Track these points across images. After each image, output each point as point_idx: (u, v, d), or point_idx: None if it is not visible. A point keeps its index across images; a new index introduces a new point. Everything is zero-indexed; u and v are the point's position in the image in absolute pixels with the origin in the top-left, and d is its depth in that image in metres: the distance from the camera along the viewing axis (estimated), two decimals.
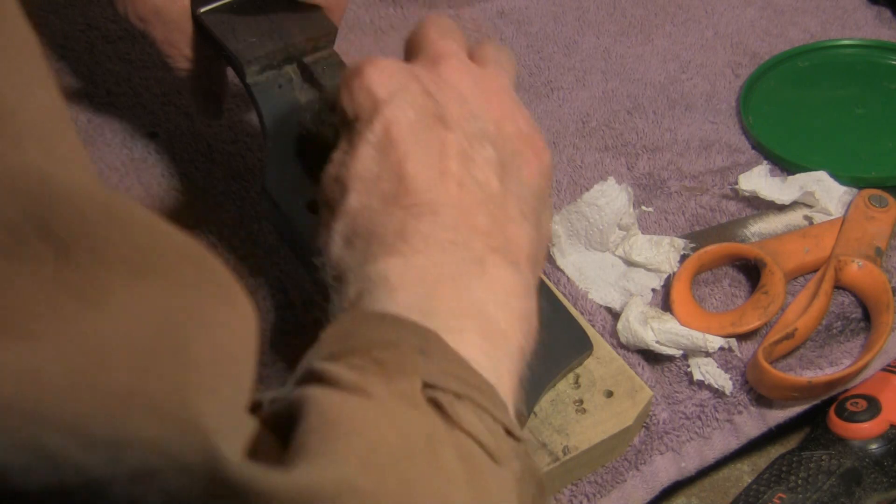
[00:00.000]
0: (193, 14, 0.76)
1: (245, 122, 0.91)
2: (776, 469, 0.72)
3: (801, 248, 0.80)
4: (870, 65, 0.94)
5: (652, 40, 0.98)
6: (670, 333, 0.74)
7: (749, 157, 0.88)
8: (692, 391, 0.74)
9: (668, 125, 0.91)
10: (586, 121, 0.91)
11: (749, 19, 0.99)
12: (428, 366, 0.48)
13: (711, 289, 0.79)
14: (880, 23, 0.99)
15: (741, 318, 0.76)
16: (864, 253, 0.79)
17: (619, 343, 0.75)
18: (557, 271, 0.79)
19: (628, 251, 0.79)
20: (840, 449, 0.73)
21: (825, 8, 1.00)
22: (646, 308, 0.76)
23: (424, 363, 0.48)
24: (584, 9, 1.01)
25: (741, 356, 0.75)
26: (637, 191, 0.84)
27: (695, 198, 0.85)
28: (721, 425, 0.73)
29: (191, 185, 0.87)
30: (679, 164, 0.87)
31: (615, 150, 0.89)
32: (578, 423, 0.69)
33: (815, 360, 0.75)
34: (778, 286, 0.77)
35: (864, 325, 0.77)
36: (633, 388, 0.71)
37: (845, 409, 0.74)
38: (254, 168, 0.87)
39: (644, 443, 0.72)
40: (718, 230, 0.82)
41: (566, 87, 0.94)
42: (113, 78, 0.95)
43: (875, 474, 0.72)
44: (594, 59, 0.96)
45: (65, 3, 1.00)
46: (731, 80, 0.94)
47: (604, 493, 0.70)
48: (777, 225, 0.83)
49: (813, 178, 0.84)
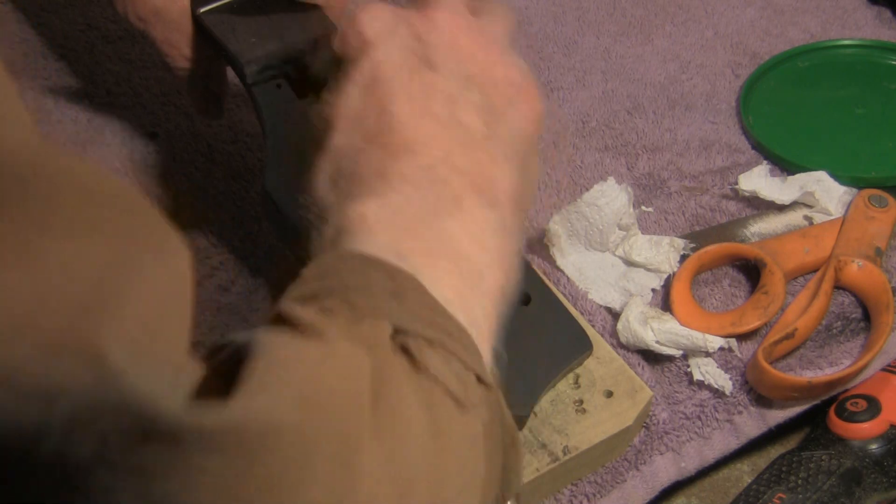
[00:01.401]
0: (193, 14, 0.76)
1: (245, 122, 0.91)
2: (776, 469, 0.72)
3: (801, 248, 0.80)
4: (870, 65, 0.95)
5: (652, 40, 0.98)
6: (670, 333, 0.74)
7: (749, 157, 0.88)
8: (692, 391, 0.74)
9: (668, 125, 0.91)
10: (586, 121, 0.91)
11: (749, 19, 0.99)
12: (400, 310, 0.48)
13: (711, 289, 0.79)
14: (880, 23, 0.99)
15: (741, 318, 0.76)
16: (864, 253, 0.79)
17: (619, 343, 0.75)
18: (557, 271, 0.79)
19: (628, 251, 0.79)
20: (840, 449, 0.73)
21: (825, 8, 1.00)
22: (646, 308, 0.76)
23: (397, 307, 0.48)
24: (584, 9, 1.01)
25: (741, 356, 0.75)
26: (637, 191, 0.84)
27: (695, 198, 0.85)
28: (721, 425, 0.73)
29: (191, 185, 0.87)
30: (679, 164, 0.87)
31: (615, 150, 0.89)
32: (578, 423, 0.69)
33: (815, 360, 0.75)
34: (778, 286, 0.77)
35: (864, 325, 0.77)
36: (633, 388, 0.71)
37: (845, 409, 0.74)
38: (254, 168, 0.87)
39: (644, 443, 0.72)
40: (718, 230, 0.82)
41: (566, 87, 0.94)
42: (113, 78, 0.95)
43: (875, 474, 0.72)
44: (594, 59, 0.96)
45: (65, 3, 1.00)
46: (731, 80, 0.94)
47: (604, 493, 0.70)
48: (777, 225, 0.83)
49: (813, 178, 0.84)
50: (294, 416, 0.41)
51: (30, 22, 1.00)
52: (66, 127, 0.91)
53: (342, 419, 0.43)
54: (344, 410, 0.43)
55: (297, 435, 0.41)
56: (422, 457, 0.46)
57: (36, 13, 1.01)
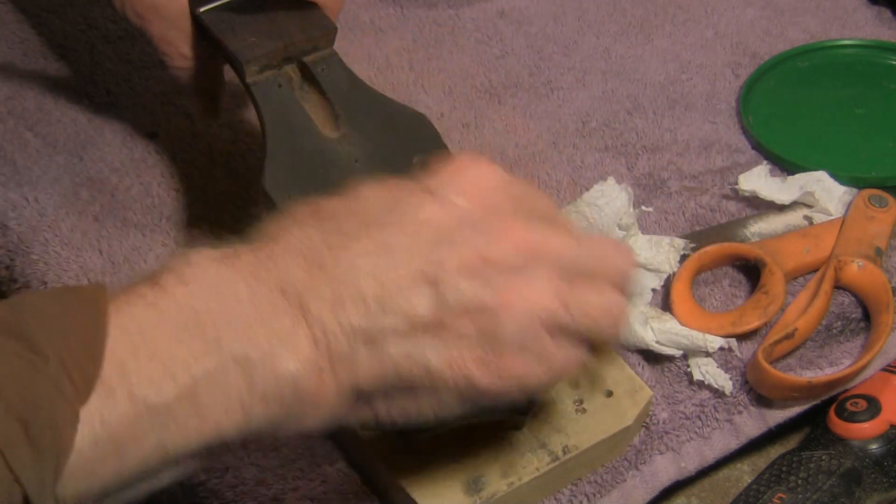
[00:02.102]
0: (192, 13, 0.76)
1: (245, 122, 0.91)
2: (776, 469, 0.72)
3: (801, 248, 0.80)
4: (870, 65, 0.94)
5: (652, 40, 0.98)
6: (670, 333, 0.74)
7: (749, 157, 0.88)
8: (692, 391, 0.74)
9: (668, 125, 0.91)
10: (586, 121, 0.91)
11: (749, 19, 0.99)
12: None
13: (711, 289, 0.79)
14: (880, 23, 0.99)
15: (741, 318, 0.76)
16: (864, 253, 0.79)
17: (619, 343, 0.75)
18: None
19: None
20: (840, 449, 0.73)
21: (825, 8, 1.00)
22: (646, 308, 0.76)
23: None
24: (584, 9, 1.01)
25: (741, 356, 0.75)
26: (637, 191, 0.84)
27: (695, 198, 0.85)
28: (721, 425, 0.73)
29: (191, 185, 0.87)
30: (679, 164, 0.87)
31: (615, 150, 0.89)
32: (578, 423, 0.69)
33: (815, 360, 0.75)
34: (778, 286, 0.77)
35: (864, 325, 0.77)
36: (633, 388, 0.71)
37: (845, 409, 0.74)
38: (254, 168, 0.87)
39: (644, 443, 0.72)
40: (718, 230, 0.82)
41: (566, 87, 0.94)
42: (113, 78, 0.95)
43: (875, 474, 0.72)
44: (594, 59, 0.96)
45: (65, 2, 1.00)
46: (731, 80, 0.94)
47: (604, 493, 0.70)
48: (777, 225, 0.83)
49: (813, 178, 0.84)
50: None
51: (30, 22, 1.00)
52: (66, 127, 0.91)
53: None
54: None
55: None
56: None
57: (36, 13, 1.01)
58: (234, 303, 0.52)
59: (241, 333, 0.52)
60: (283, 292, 0.53)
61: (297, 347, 0.52)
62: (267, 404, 0.52)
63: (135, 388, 0.50)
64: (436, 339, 0.54)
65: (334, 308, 0.53)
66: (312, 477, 0.69)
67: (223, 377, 0.51)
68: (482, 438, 0.68)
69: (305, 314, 0.53)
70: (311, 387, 0.53)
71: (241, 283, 0.53)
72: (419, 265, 0.54)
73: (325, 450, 0.70)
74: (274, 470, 0.69)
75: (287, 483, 0.69)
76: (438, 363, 0.54)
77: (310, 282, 0.53)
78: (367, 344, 0.53)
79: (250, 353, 0.52)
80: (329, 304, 0.53)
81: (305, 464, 0.70)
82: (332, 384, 0.54)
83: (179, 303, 0.52)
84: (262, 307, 0.53)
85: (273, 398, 0.52)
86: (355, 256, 0.54)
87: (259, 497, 0.68)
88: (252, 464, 0.69)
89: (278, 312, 0.53)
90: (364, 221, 0.55)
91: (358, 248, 0.54)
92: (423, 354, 0.54)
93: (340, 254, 0.54)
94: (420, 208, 0.55)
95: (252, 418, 0.52)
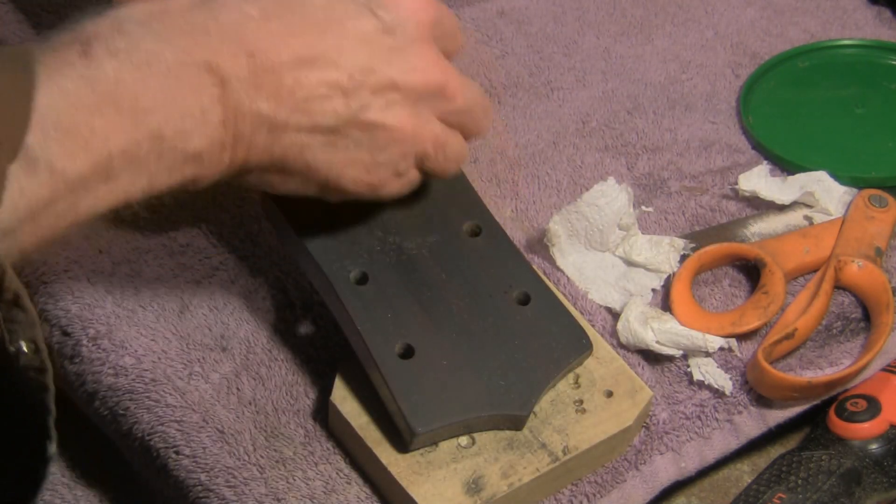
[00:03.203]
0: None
1: None
2: (776, 469, 0.72)
3: (801, 248, 0.80)
4: (870, 65, 0.94)
5: (652, 40, 0.98)
6: (670, 333, 0.74)
7: (749, 157, 0.88)
8: (692, 391, 0.74)
9: (668, 125, 0.91)
10: (586, 121, 0.91)
11: (749, 19, 0.99)
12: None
13: (711, 289, 0.79)
14: (880, 23, 0.99)
15: (741, 318, 0.76)
16: (864, 253, 0.79)
17: (619, 343, 0.75)
18: (557, 271, 0.79)
19: (628, 251, 0.79)
20: (840, 449, 0.73)
21: (825, 8, 1.00)
22: (646, 308, 0.76)
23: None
24: (584, 9, 1.01)
25: (741, 356, 0.75)
26: (637, 191, 0.84)
27: (695, 198, 0.85)
28: (721, 425, 0.73)
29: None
30: (679, 164, 0.87)
31: (615, 150, 0.89)
32: (578, 423, 0.69)
33: (815, 360, 0.75)
34: (778, 286, 0.77)
35: (864, 325, 0.77)
36: (633, 388, 0.71)
37: (845, 409, 0.74)
38: None
39: (644, 443, 0.72)
40: (718, 230, 0.82)
41: (566, 87, 0.94)
42: None
43: (875, 474, 0.72)
44: (594, 59, 0.96)
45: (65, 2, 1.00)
46: (731, 80, 0.94)
47: (604, 493, 0.70)
48: (777, 225, 0.83)
49: (813, 178, 0.84)
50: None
51: (30, 22, 1.00)
52: None
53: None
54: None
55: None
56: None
57: (36, 13, 1.00)
58: (160, 77, 0.56)
59: (160, 110, 0.56)
60: (208, 70, 0.57)
61: (208, 127, 0.57)
62: (170, 174, 0.58)
63: (55, 160, 0.53)
64: (327, 142, 0.61)
65: (251, 94, 0.58)
66: (312, 477, 0.69)
67: (136, 152, 0.56)
68: (482, 438, 0.68)
69: (224, 96, 0.57)
70: (211, 161, 0.59)
71: (170, 54, 0.56)
72: (339, 77, 0.60)
73: (325, 450, 0.70)
74: (274, 470, 0.69)
75: (287, 483, 0.69)
76: (322, 161, 0.62)
77: (234, 65, 0.57)
78: (270, 131, 0.60)
79: (164, 131, 0.56)
80: (248, 90, 0.58)
81: (305, 464, 0.70)
82: (227, 159, 0.60)
83: (108, 76, 0.55)
84: (186, 82, 0.57)
85: (176, 170, 0.58)
86: (285, 49, 0.59)
87: (259, 497, 0.68)
88: (252, 464, 0.69)
89: (199, 91, 0.57)
90: (303, 19, 0.60)
91: (292, 43, 0.59)
92: (312, 152, 0.61)
93: (271, 45, 0.58)
94: (357, 21, 0.61)
95: (155, 185, 0.58)
